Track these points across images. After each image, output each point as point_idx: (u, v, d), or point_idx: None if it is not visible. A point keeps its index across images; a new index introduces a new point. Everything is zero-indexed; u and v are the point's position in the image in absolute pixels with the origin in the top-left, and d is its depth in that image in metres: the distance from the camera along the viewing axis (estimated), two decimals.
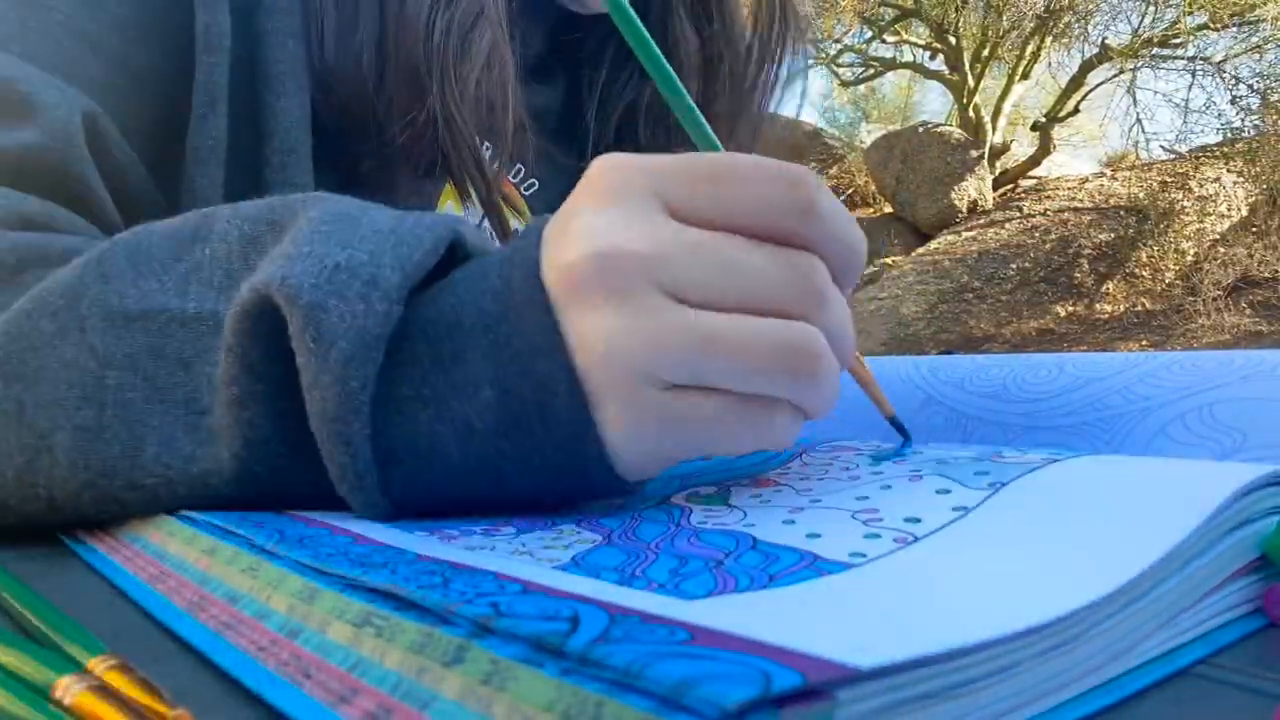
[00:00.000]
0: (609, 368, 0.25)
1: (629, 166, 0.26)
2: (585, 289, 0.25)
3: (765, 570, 0.19)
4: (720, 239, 0.25)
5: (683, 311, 0.24)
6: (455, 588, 0.17)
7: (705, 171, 0.25)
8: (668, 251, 0.24)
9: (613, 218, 0.25)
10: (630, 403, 0.25)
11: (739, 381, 0.25)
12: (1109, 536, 0.19)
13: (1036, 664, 0.15)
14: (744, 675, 0.11)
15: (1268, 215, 6.28)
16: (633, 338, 0.24)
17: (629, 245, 0.24)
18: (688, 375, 0.24)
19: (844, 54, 9.73)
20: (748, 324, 0.24)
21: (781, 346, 0.24)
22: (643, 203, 0.25)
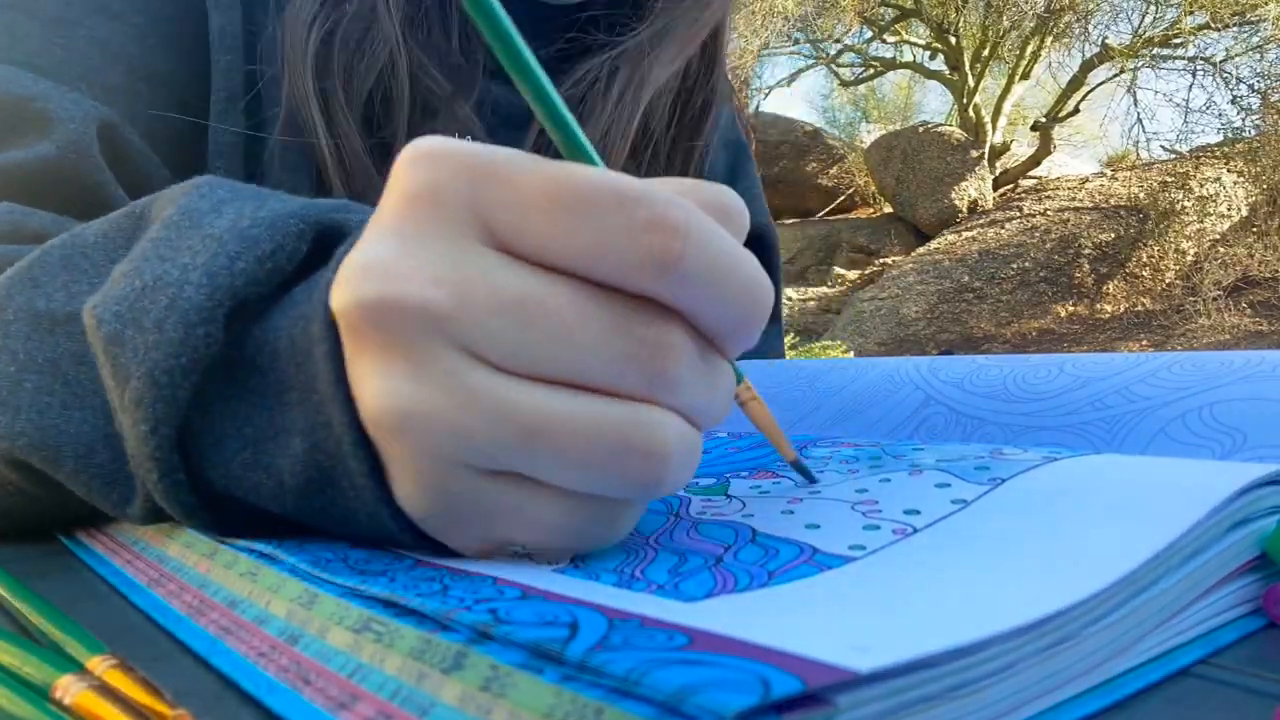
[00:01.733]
0: (398, 440, 0.19)
1: (444, 166, 0.19)
2: (364, 340, 0.19)
3: (764, 566, 0.19)
4: (549, 290, 0.19)
5: (493, 385, 0.19)
6: (454, 594, 0.17)
7: (548, 192, 0.19)
8: (472, 304, 0.19)
9: (406, 247, 0.19)
10: (429, 484, 0.20)
11: (564, 479, 0.19)
12: (1109, 532, 0.19)
13: (1037, 662, 0.15)
14: (743, 681, 0.11)
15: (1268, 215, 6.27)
16: (429, 409, 0.19)
17: (417, 294, 0.18)
18: (502, 465, 0.19)
19: (844, 54, 9.73)
20: (575, 408, 0.19)
21: (616, 442, 0.19)
22: (453, 223, 0.19)
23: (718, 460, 0.31)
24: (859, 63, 9.85)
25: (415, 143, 0.20)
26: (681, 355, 0.20)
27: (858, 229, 8.61)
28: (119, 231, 0.29)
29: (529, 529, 0.20)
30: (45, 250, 0.30)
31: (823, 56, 9.58)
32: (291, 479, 0.22)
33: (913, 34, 9.14)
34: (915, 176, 8.06)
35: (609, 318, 0.19)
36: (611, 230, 0.18)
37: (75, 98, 0.42)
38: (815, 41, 9.36)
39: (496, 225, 0.19)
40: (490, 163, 0.19)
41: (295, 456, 0.22)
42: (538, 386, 0.19)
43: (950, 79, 8.92)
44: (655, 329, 0.19)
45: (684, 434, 0.20)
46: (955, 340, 6.62)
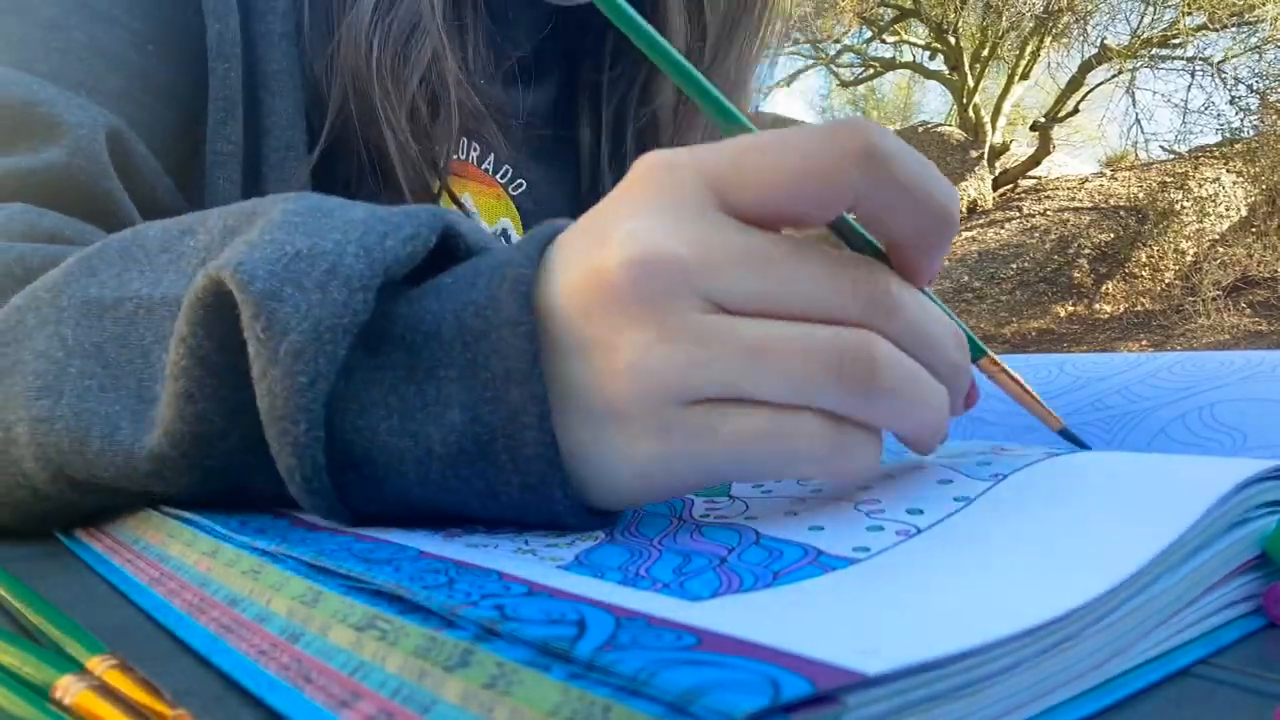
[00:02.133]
0: (636, 383, 0.22)
1: (678, 163, 0.23)
2: (621, 299, 0.22)
3: (769, 567, 0.19)
4: (777, 243, 0.22)
5: (726, 320, 0.22)
6: (460, 588, 0.17)
7: (750, 144, 0.23)
8: (716, 258, 0.22)
9: (659, 220, 0.23)
10: (645, 423, 0.23)
11: (783, 389, 0.22)
12: (1111, 530, 0.19)
13: (1040, 661, 0.15)
14: (752, 683, 0.11)
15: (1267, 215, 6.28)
16: (665, 350, 0.22)
17: (671, 251, 0.22)
18: (725, 388, 0.22)
19: (844, 54, 9.73)
20: (797, 330, 0.22)
21: (831, 351, 0.22)
22: (693, 202, 0.23)
23: None
24: (858, 63, 9.85)
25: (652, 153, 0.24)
26: (889, 283, 0.23)
27: None
28: (178, 225, 0.31)
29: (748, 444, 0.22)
30: (107, 242, 0.31)
31: (822, 56, 9.59)
32: (443, 448, 0.24)
33: (912, 34, 9.15)
34: None
35: (827, 260, 0.22)
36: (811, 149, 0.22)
37: (82, 103, 0.41)
38: (814, 41, 9.36)
39: (723, 188, 0.23)
40: (709, 151, 0.23)
41: (451, 427, 0.24)
42: (766, 320, 0.22)
43: (950, 79, 8.93)
44: (865, 266, 0.23)
45: (900, 356, 0.22)
46: None
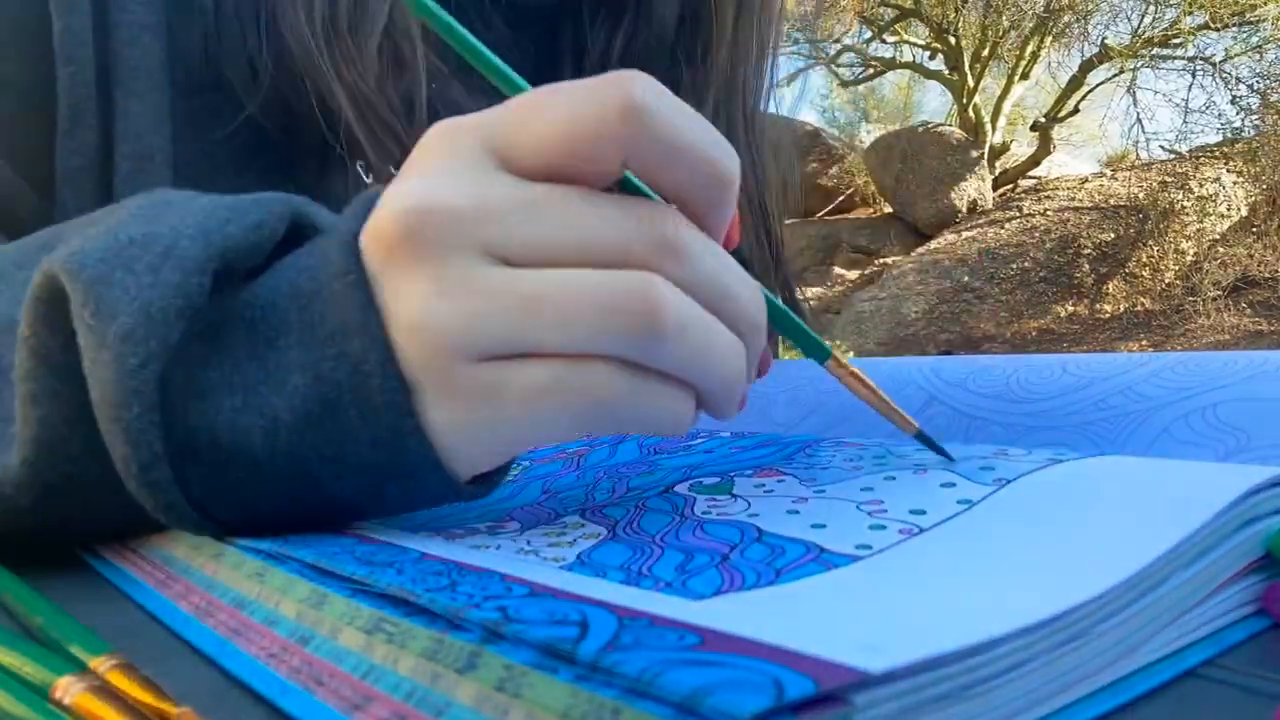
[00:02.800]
0: (420, 342, 0.22)
1: (459, 126, 0.23)
2: (396, 253, 0.22)
3: (771, 564, 0.19)
4: (558, 193, 0.22)
5: (503, 272, 0.22)
6: (463, 590, 0.17)
7: (523, 104, 0.22)
8: (493, 208, 0.22)
9: (435, 176, 0.22)
10: (446, 380, 0.22)
11: (562, 340, 0.21)
12: (1116, 532, 0.19)
13: (1047, 661, 0.15)
14: (755, 683, 0.11)
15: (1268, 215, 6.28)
16: (443, 305, 0.21)
17: (445, 201, 0.22)
18: (506, 342, 0.22)
19: (844, 54, 9.73)
20: (573, 277, 0.21)
21: (610, 296, 0.21)
22: (473, 161, 0.22)
23: (721, 460, 0.31)
24: (858, 63, 9.85)
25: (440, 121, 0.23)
26: (676, 224, 0.22)
27: (857, 229, 8.61)
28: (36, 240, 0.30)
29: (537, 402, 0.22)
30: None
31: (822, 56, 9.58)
32: (289, 415, 0.23)
33: (912, 34, 9.15)
34: (915, 176, 8.06)
35: (611, 205, 0.22)
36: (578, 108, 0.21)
37: None
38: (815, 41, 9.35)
39: (499, 146, 0.22)
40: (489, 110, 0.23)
41: (295, 391, 0.23)
42: (544, 270, 0.21)
43: (950, 79, 8.92)
44: (651, 209, 0.22)
45: (687, 301, 0.22)
46: (955, 340, 6.62)
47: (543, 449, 0.38)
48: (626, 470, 0.32)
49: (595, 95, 0.21)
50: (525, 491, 0.31)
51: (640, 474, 0.31)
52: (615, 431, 0.23)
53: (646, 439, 0.36)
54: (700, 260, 0.22)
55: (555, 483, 0.32)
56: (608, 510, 0.26)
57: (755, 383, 0.27)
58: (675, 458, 0.32)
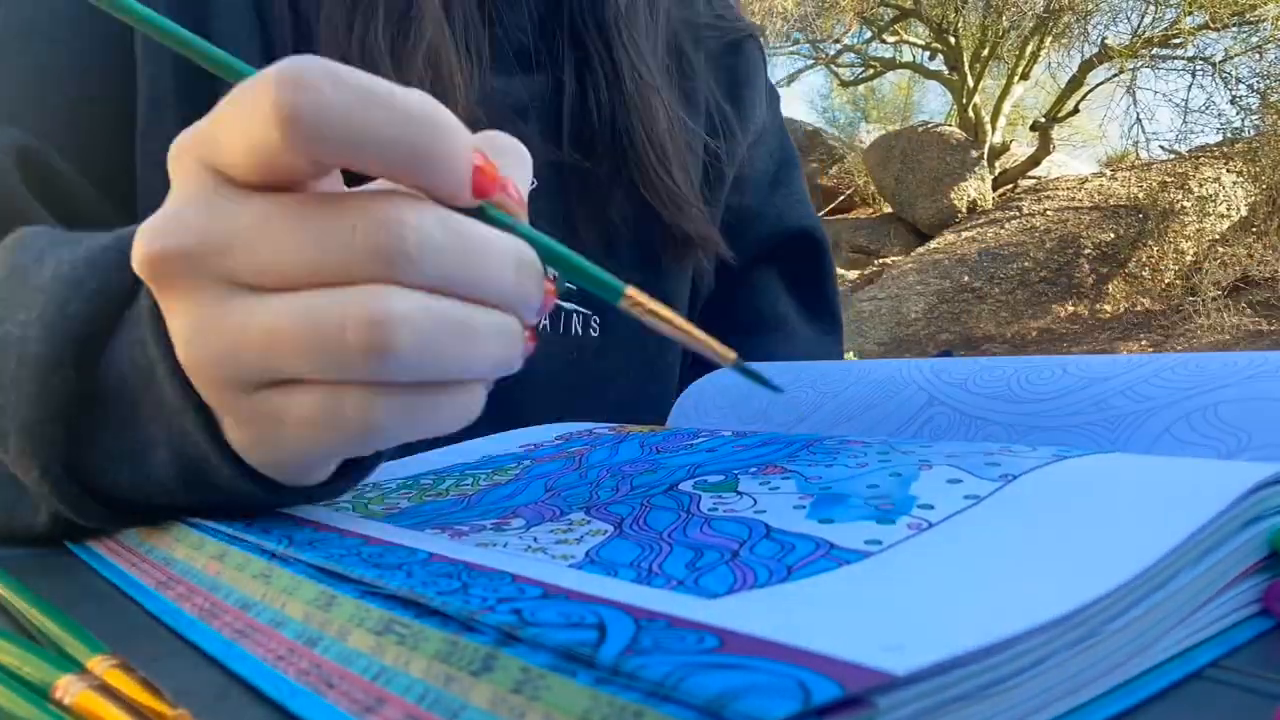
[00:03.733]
0: (197, 379, 0.23)
1: (180, 146, 0.23)
2: (156, 295, 0.23)
3: (782, 561, 0.19)
4: (276, 207, 0.21)
5: (242, 305, 0.21)
6: (475, 592, 0.17)
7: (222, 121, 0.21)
8: (217, 240, 0.21)
9: (168, 210, 0.22)
10: (231, 409, 0.23)
11: (309, 370, 0.21)
12: (1124, 528, 0.19)
13: (1063, 659, 0.15)
14: (781, 687, 0.11)
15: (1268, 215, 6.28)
16: (202, 343, 0.22)
17: (173, 243, 0.21)
18: (262, 374, 0.22)
19: (843, 54, 9.72)
20: (300, 304, 0.20)
21: (330, 323, 0.20)
22: (197, 181, 0.22)
23: (724, 458, 0.31)
24: (858, 63, 9.85)
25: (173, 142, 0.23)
26: (400, 227, 0.20)
27: (857, 229, 8.61)
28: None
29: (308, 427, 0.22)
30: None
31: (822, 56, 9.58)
32: (171, 482, 0.26)
33: (912, 34, 9.15)
34: (915, 176, 8.06)
35: (327, 217, 0.20)
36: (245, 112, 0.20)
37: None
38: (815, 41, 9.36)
39: (216, 165, 0.22)
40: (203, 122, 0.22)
41: (165, 463, 0.25)
42: (278, 296, 0.21)
43: (949, 79, 8.92)
44: (368, 211, 0.20)
45: (422, 303, 0.20)
46: (955, 340, 6.62)
47: (543, 449, 0.38)
48: (629, 469, 0.32)
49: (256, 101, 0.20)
50: (529, 489, 0.31)
51: (643, 472, 0.31)
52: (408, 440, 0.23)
53: (648, 438, 0.36)
54: (437, 253, 0.20)
55: (558, 481, 0.32)
56: (612, 507, 0.26)
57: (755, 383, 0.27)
58: (678, 456, 0.32)
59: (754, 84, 0.63)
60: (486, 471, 0.35)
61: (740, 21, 0.64)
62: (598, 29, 0.53)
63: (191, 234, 0.21)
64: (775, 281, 0.64)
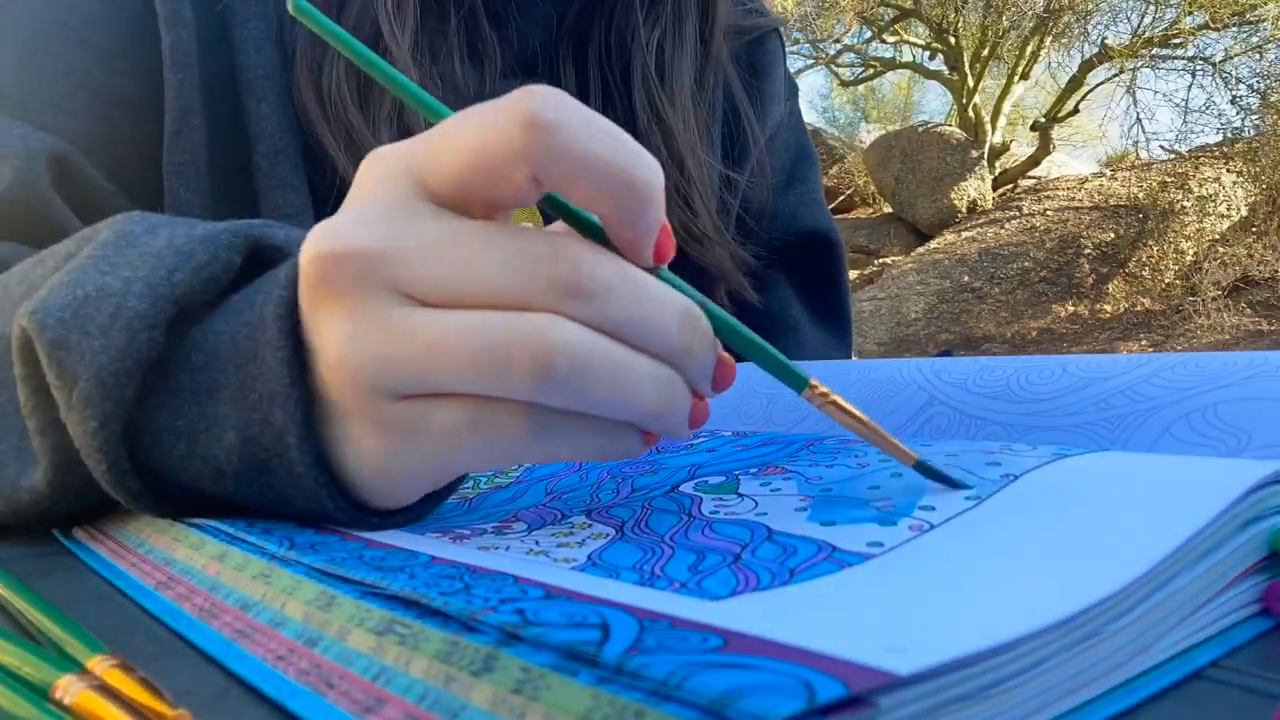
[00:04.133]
0: (341, 380, 0.23)
1: (387, 155, 0.24)
2: (317, 294, 0.23)
3: (784, 564, 0.19)
4: (465, 227, 0.22)
5: (410, 314, 0.22)
6: (477, 593, 0.17)
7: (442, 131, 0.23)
8: (402, 249, 0.22)
9: (355, 214, 0.23)
10: (370, 415, 0.23)
11: (466, 384, 0.22)
12: (1126, 528, 0.19)
13: (1064, 660, 0.15)
14: (786, 686, 0.11)
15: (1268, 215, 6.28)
16: (359, 345, 0.22)
17: (356, 244, 0.22)
18: (417, 384, 0.22)
19: (843, 54, 9.72)
20: (473, 321, 0.21)
21: (498, 341, 0.21)
22: (399, 192, 0.23)
23: (725, 458, 0.31)
24: (858, 63, 9.84)
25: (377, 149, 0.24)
26: (579, 264, 0.21)
27: (857, 229, 8.61)
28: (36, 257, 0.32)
29: (448, 442, 0.23)
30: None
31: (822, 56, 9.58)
32: (228, 466, 0.25)
33: (912, 34, 9.14)
34: (915, 176, 8.06)
35: (514, 244, 0.22)
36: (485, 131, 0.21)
37: (22, 132, 0.42)
38: (815, 41, 9.35)
39: (423, 177, 0.22)
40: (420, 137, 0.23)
41: (230, 448, 0.25)
42: (449, 311, 0.22)
43: (950, 79, 8.92)
44: (553, 246, 0.22)
45: (585, 339, 0.21)
46: (955, 340, 6.62)
47: None
48: (630, 471, 0.32)
49: (499, 113, 0.21)
50: (529, 493, 0.31)
51: (643, 474, 0.31)
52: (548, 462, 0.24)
53: None
54: (608, 294, 0.22)
55: (558, 484, 0.32)
56: (614, 510, 0.26)
57: (755, 383, 0.27)
58: (678, 457, 0.32)
59: (774, 76, 0.63)
60: (487, 475, 0.35)
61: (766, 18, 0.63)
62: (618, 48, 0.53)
63: (376, 238, 0.22)
64: (786, 283, 0.63)
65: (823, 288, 0.65)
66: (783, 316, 0.63)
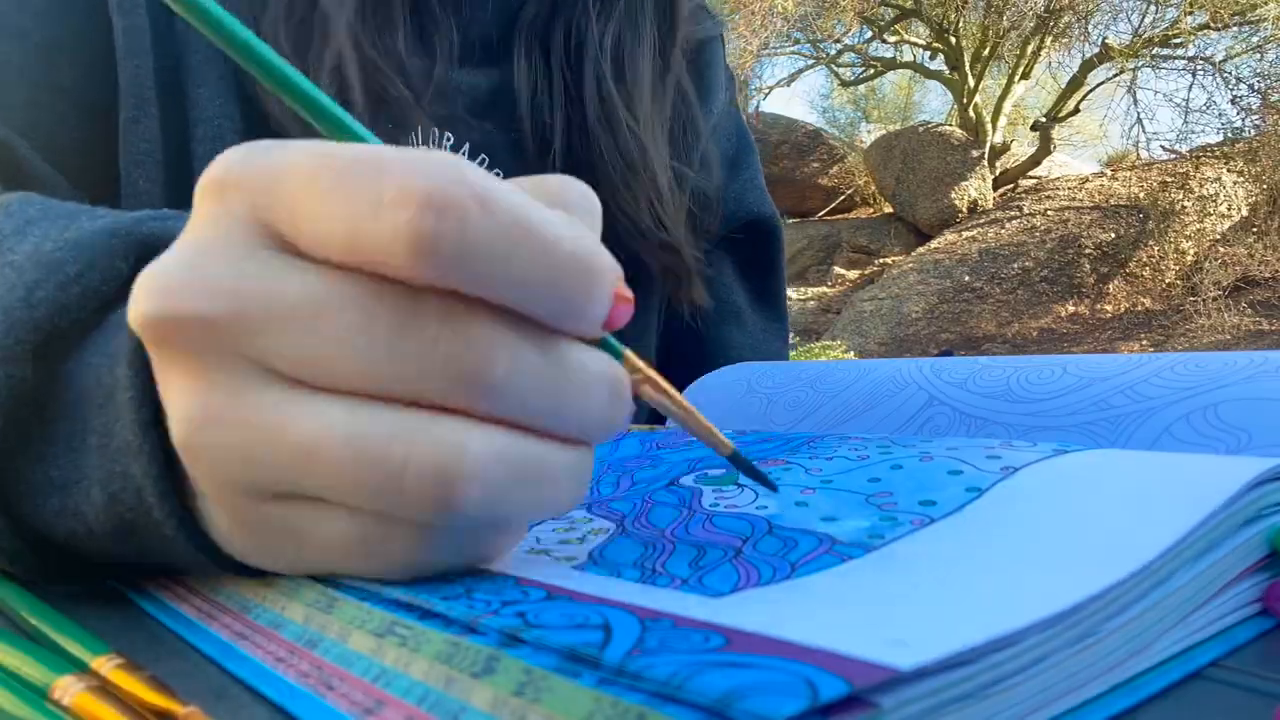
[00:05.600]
0: (199, 469, 0.19)
1: (229, 183, 0.18)
2: (159, 358, 0.18)
3: (785, 558, 0.19)
4: (336, 288, 0.17)
5: (276, 402, 0.17)
6: (479, 597, 0.17)
7: (308, 173, 0.17)
8: (252, 312, 0.17)
9: (188, 260, 0.18)
10: (235, 512, 0.19)
11: (349, 499, 0.18)
12: (1126, 523, 0.19)
13: (1064, 658, 0.15)
14: (788, 684, 0.11)
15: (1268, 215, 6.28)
16: (217, 435, 0.18)
17: (192, 306, 0.17)
18: (287, 488, 0.18)
19: (844, 54, 9.73)
20: (355, 423, 0.17)
21: (393, 462, 0.17)
22: (234, 232, 0.18)
23: None
24: (859, 63, 9.85)
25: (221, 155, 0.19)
26: (495, 352, 0.17)
27: (858, 229, 8.61)
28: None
29: (335, 553, 0.19)
30: None
31: (823, 56, 9.58)
32: (98, 526, 0.21)
33: (913, 34, 9.15)
34: (915, 176, 8.06)
35: (399, 314, 0.17)
36: (360, 208, 0.16)
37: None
38: (815, 41, 9.36)
39: (274, 222, 0.18)
40: (267, 160, 0.18)
41: (98, 507, 0.21)
42: (323, 399, 0.17)
43: (950, 79, 8.92)
44: (452, 324, 0.17)
45: (498, 448, 0.17)
46: (955, 340, 6.62)
47: None
48: (630, 464, 0.32)
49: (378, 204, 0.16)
50: None
51: (644, 467, 0.31)
52: None
53: (647, 436, 0.36)
54: (522, 387, 0.17)
55: None
56: (614, 504, 0.26)
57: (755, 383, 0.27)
58: (678, 452, 0.32)
59: (715, 66, 0.63)
60: None
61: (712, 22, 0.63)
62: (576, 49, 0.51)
63: (221, 299, 0.17)
64: (730, 268, 0.63)
65: (763, 274, 0.65)
66: (727, 302, 0.63)
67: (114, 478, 0.21)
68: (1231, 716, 0.16)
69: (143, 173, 0.43)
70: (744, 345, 0.62)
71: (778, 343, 0.66)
